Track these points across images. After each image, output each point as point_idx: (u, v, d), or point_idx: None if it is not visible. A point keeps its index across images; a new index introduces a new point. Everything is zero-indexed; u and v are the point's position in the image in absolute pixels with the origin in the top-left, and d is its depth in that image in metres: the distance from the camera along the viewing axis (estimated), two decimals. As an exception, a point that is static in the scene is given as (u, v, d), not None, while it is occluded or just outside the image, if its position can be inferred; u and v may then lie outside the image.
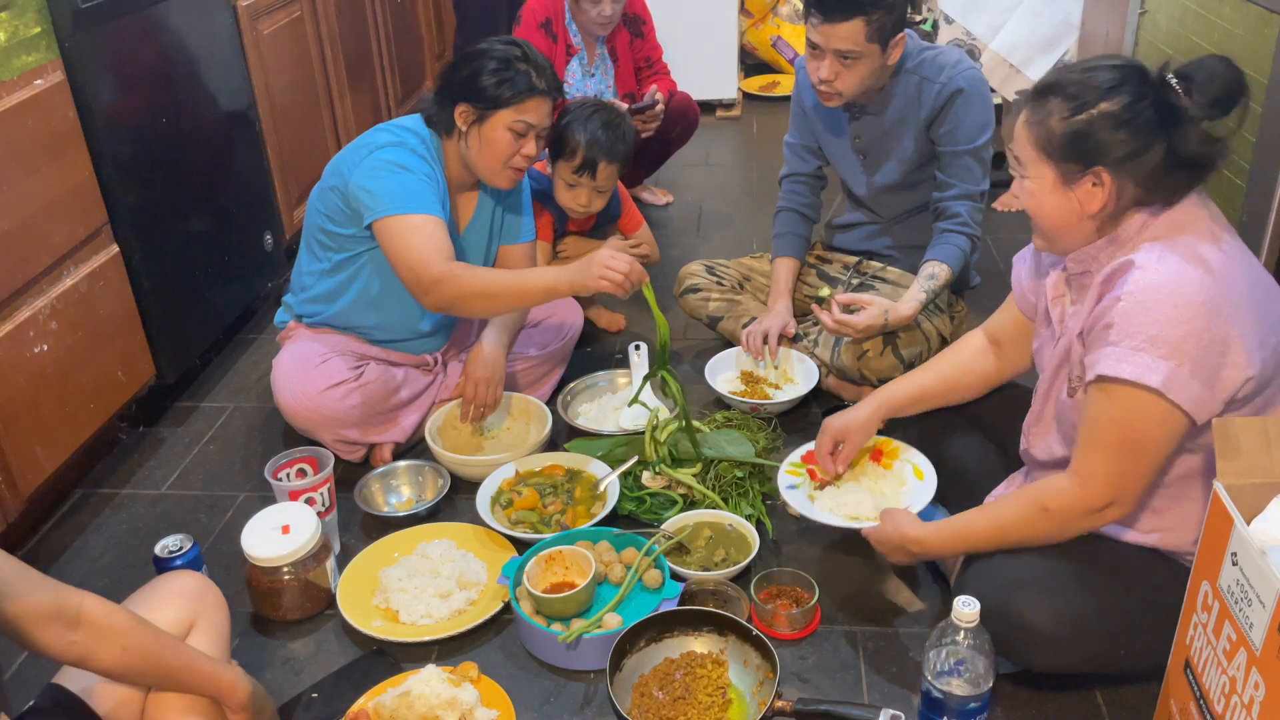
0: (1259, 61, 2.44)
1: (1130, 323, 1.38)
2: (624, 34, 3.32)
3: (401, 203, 2.03)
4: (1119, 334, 1.39)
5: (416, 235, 2.01)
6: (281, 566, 1.80)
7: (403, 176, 2.06)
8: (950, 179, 2.30)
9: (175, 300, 2.45)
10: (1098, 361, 1.41)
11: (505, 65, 2.06)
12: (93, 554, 2.07)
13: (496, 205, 2.33)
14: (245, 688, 1.41)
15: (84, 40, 2.12)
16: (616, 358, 2.70)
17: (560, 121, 2.51)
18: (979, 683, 1.48)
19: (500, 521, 2.02)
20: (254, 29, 2.85)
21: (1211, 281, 1.37)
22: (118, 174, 2.23)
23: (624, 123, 2.55)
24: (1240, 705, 1.25)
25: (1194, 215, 1.44)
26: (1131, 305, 1.38)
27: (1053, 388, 1.61)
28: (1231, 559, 1.27)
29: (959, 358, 1.89)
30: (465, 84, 2.08)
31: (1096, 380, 1.42)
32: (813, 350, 2.43)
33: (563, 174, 2.52)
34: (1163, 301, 1.37)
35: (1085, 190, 1.45)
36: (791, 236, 2.54)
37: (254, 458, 2.32)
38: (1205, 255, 1.40)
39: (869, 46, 2.16)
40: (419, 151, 2.11)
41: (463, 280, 1.99)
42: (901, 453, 1.96)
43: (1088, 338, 1.47)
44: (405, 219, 2.02)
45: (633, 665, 1.68)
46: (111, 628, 1.26)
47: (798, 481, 1.96)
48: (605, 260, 1.94)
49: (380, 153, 2.08)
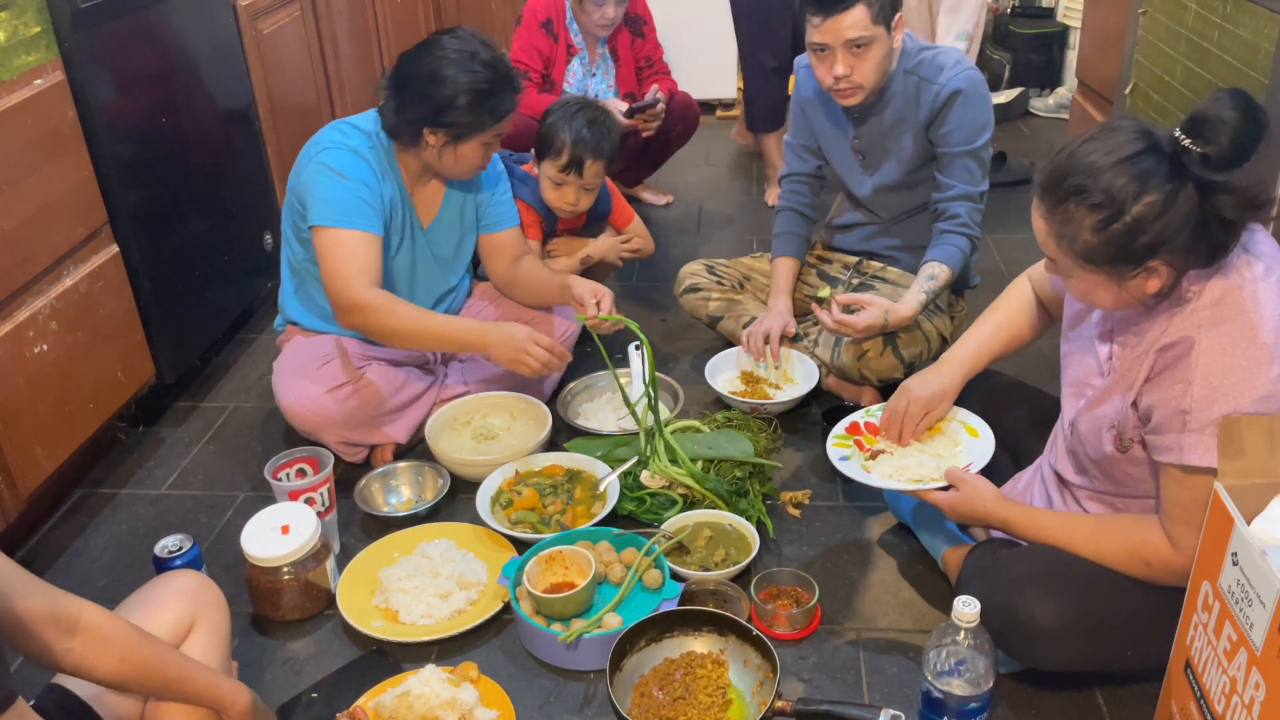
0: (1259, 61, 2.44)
1: (1210, 412, 1.35)
2: (625, 34, 3.32)
3: (334, 214, 2.05)
4: (1199, 422, 1.36)
5: (343, 252, 2.04)
6: (281, 566, 1.80)
7: (339, 186, 2.06)
8: (950, 180, 2.30)
9: (175, 300, 2.45)
10: (1181, 448, 1.38)
11: (479, 97, 2.03)
12: (92, 554, 2.07)
13: (467, 195, 2.32)
14: (245, 699, 1.41)
15: (84, 40, 2.12)
16: (616, 358, 2.70)
17: (545, 121, 2.51)
18: (979, 683, 1.48)
19: (500, 521, 2.02)
20: (254, 29, 2.85)
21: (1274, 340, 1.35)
22: (118, 174, 2.22)
23: (608, 120, 2.54)
24: (1240, 705, 1.25)
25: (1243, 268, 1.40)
26: (1208, 392, 1.36)
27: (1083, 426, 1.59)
28: (1232, 559, 1.27)
29: (1011, 310, 1.86)
30: (437, 113, 2.05)
31: (1182, 466, 1.40)
32: (813, 350, 2.43)
33: (549, 173, 2.52)
34: (1239, 385, 1.34)
35: (1139, 280, 1.40)
36: (791, 236, 2.54)
37: (254, 458, 2.32)
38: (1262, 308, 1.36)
39: (876, 29, 2.16)
40: (364, 154, 2.10)
41: (379, 314, 2.04)
42: (947, 414, 1.88)
43: (1149, 410, 1.44)
44: (336, 233, 2.05)
45: (633, 665, 1.68)
46: (109, 636, 1.25)
47: (848, 453, 1.87)
48: (526, 347, 2.06)
49: (323, 155, 2.09)
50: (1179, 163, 1.33)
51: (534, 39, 3.19)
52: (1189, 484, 1.41)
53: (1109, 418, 1.53)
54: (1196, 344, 1.37)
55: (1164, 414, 1.41)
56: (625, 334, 2.78)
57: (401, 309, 2.08)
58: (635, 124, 3.20)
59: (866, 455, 1.87)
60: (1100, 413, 1.54)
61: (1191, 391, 1.37)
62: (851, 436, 1.92)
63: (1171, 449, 1.40)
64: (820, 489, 2.17)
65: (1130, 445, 1.50)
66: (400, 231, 2.22)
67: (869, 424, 1.93)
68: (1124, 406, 1.49)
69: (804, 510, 2.11)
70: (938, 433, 1.89)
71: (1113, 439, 1.53)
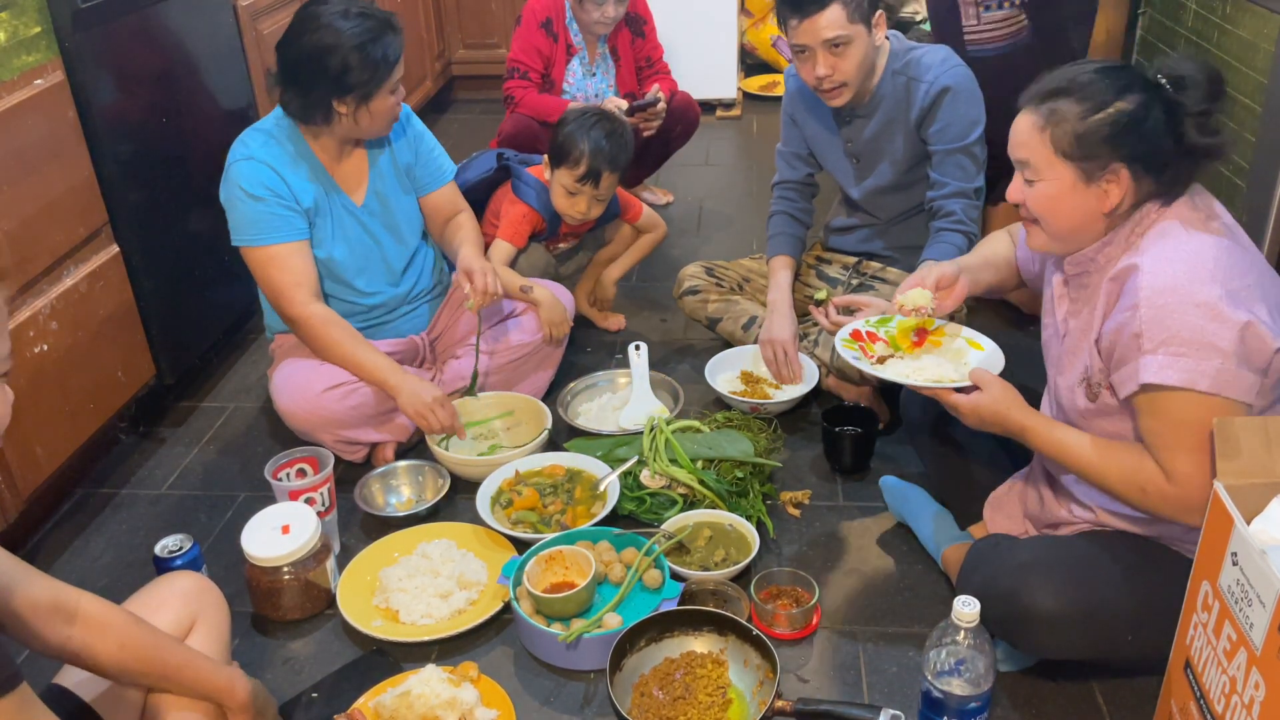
0: (1259, 61, 2.44)
1: (1159, 329, 1.40)
2: (625, 33, 3.32)
3: (253, 233, 2.11)
4: (1151, 341, 1.40)
5: (273, 268, 2.12)
6: (281, 566, 1.80)
7: (250, 206, 2.10)
8: (943, 177, 2.30)
9: (175, 300, 2.45)
10: (1139, 371, 1.42)
11: (362, 49, 2.04)
12: (93, 554, 2.07)
13: (395, 162, 2.32)
14: (245, 687, 1.41)
15: (84, 40, 2.12)
16: (616, 358, 2.70)
17: (562, 130, 2.49)
18: (979, 683, 1.48)
19: (500, 521, 2.02)
20: (254, 29, 2.85)
21: (1220, 270, 1.41)
22: (118, 174, 2.23)
23: (626, 132, 2.53)
24: (1240, 705, 1.25)
25: (1187, 207, 1.50)
26: (1154, 311, 1.40)
27: (1062, 392, 1.62)
28: (1231, 559, 1.27)
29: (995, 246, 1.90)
30: (336, 81, 2.05)
31: (1143, 390, 1.42)
32: (813, 350, 2.43)
33: (563, 181, 2.50)
34: (1183, 301, 1.39)
35: (1102, 187, 1.49)
36: (786, 237, 2.54)
37: (254, 458, 2.32)
38: (1205, 245, 1.44)
39: (854, 28, 2.17)
40: (267, 160, 2.11)
41: (313, 332, 2.14)
42: (946, 329, 1.81)
43: (1110, 347, 1.48)
44: (260, 251, 2.12)
45: (633, 665, 1.69)
46: (108, 623, 1.26)
47: (858, 354, 1.79)
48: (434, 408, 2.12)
49: (231, 172, 2.13)
50: (1154, 87, 1.47)
51: (534, 39, 3.19)
52: (1158, 406, 1.42)
53: (1079, 373, 1.57)
54: (1139, 267, 1.45)
55: (1121, 346, 1.45)
56: (625, 334, 2.79)
57: (335, 332, 2.15)
58: (635, 123, 3.19)
59: (874, 360, 1.79)
60: (1074, 371, 1.58)
61: (1139, 314, 1.42)
62: (856, 341, 1.84)
63: (1131, 376, 1.43)
64: (820, 489, 2.17)
65: (1099, 391, 1.53)
66: (331, 216, 2.22)
67: (869, 333, 1.84)
68: (1089, 351, 1.54)
69: (804, 510, 2.11)
70: (938, 347, 1.81)
71: (1084, 391, 1.56)
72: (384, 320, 2.34)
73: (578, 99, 3.26)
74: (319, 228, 2.20)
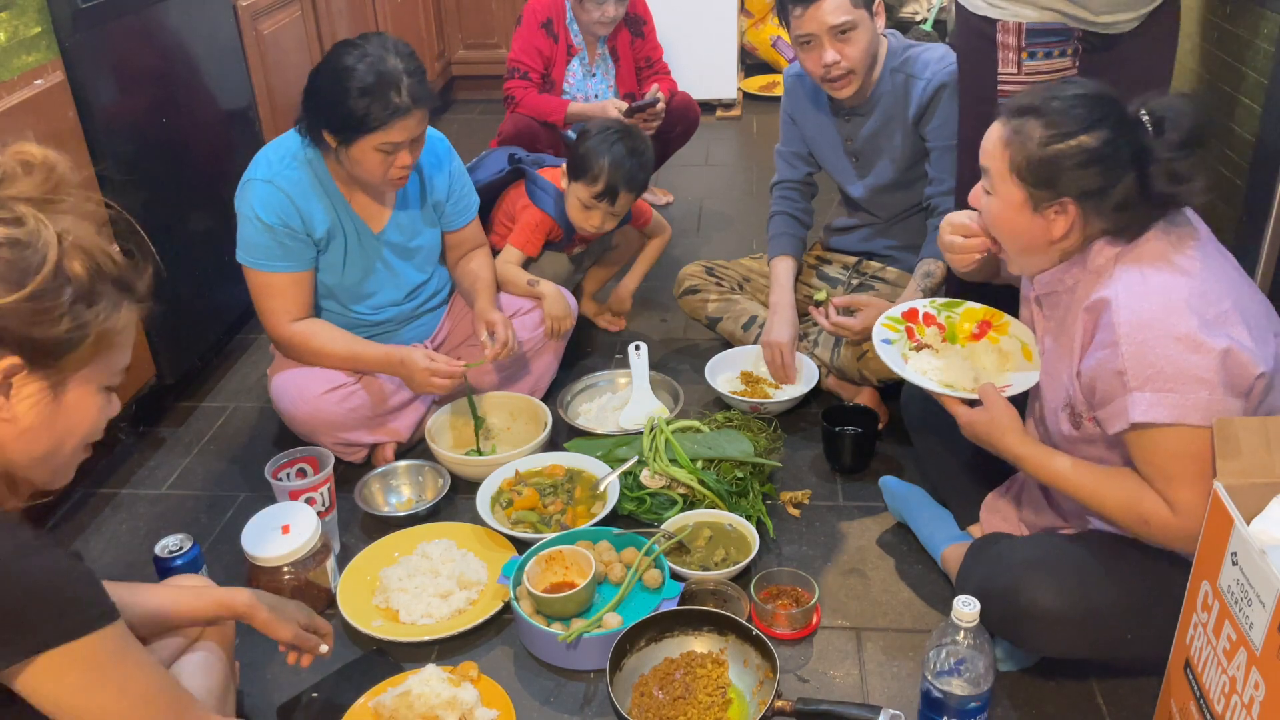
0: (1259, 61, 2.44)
1: (1142, 365, 1.39)
2: (625, 34, 3.32)
3: (258, 258, 2.13)
4: (1136, 378, 1.40)
5: (268, 293, 2.16)
6: (281, 566, 1.80)
7: (258, 232, 2.10)
8: (941, 174, 2.31)
9: (175, 300, 2.45)
10: (1128, 410, 1.41)
11: (365, 92, 1.97)
12: (93, 554, 2.07)
13: (425, 194, 2.30)
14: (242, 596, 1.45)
15: (84, 40, 2.12)
16: (616, 358, 2.70)
17: (583, 144, 2.46)
18: (979, 683, 1.48)
19: (500, 521, 2.02)
20: (254, 29, 2.85)
21: (1194, 299, 1.40)
22: (118, 174, 2.22)
23: (647, 152, 2.50)
24: (1240, 705, 1.25)
25: (1158, 239, 1.48)
26: (1135, 348, 1.40)
27: (1046, 414, 1.63)
28: (1231, 559, 1.27)
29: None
30: (327, 110, 2.02)
31: (1134, 428, 1.42)
32: (813, 350, 2.44)
33: (580, 194, 2.47)
34: (1162, 336, 1.39)
35: (1049, 217, 1.48)
36: (787, 237, 2.54)
37: (254, 458, 2.32)
38: (1177, 275, 1.43)
39: (858, 13, 2.19)
40: (285, 186, 2.09)
41: (299, 347, 2.18)
42: (1011, 328, 1.79)
43: (1090, 383, 1.48)
44: (261, 275, 2.15)
45: (633, 665, 1.69)
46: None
47: (894, 338, 1.80)
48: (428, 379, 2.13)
49: (247, 189, 2.13)
50: (1130, 127, 1.45)
51: (534, 39, 3.19)
52: (1152, 443, 1.42)
53: (1062, 398, 1.57)
54: (1111, 302, 1.43)
55: (1104, 383, 1.45)
56: (625, 334, 2.79)
57: (322, 335, 2.17)
58: (635, 124, 3.19)
59: (912, 344, 1.81)
60: (1056, 395, 1.58)
61: (1120, 350, 1.41)
62: (905, 322, 1.84)
63: (1119, 414, 1.43)
64: (820, 489, 2.17)
65: (1082, 421, 1.53)
66: (345, 241, 2.19)
67: (927, 315, 1.84)
68: (1070, 381, 1.53)
69: (804, 510, 2.11)
70: (995, 344, 1.79)
71: (1067, 418, 1.56)
72: (390, 332, 2.33)
73: (578, 99, 3.27)
74: (331, 253, 2.19)
